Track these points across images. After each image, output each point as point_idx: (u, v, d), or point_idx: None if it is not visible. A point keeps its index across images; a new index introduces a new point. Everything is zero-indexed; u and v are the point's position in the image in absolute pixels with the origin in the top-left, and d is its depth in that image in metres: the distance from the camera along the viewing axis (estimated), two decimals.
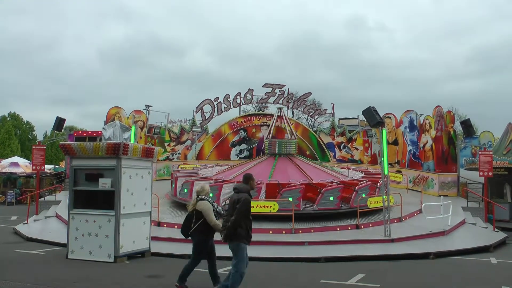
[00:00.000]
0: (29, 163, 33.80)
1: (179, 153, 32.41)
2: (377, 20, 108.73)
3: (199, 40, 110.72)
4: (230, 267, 8.07)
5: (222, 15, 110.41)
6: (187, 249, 13.39)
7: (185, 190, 20.05)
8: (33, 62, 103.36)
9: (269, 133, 24.13)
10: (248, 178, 8.16)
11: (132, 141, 22.98)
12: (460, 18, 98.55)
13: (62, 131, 29.40)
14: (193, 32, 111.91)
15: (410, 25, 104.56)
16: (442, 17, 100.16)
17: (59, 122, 25.30)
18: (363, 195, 18.29)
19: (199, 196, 8.62)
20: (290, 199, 17.11)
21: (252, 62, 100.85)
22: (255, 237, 14.64)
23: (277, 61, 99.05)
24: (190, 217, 8.68)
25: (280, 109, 25.49)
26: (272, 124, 24.44)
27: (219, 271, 8.90)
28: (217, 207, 8.68)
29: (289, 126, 24.25)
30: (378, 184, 19.40)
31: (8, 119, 66.93)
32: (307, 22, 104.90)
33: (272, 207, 16.40)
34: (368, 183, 19.34)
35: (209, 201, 8.59)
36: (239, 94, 33.80)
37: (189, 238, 8.74)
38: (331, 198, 17.73)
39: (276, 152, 22.27)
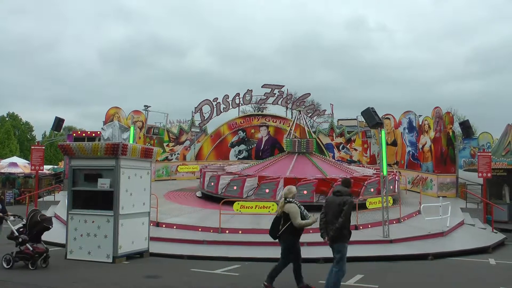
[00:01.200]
0: (28, 163, 33.82)
1: (178, 154, 32.39)
2: (377, 20, 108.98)
3: (199, 40, 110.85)
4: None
5: (222, 15, 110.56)
6: (186, 249, 13.47)
7: (212, 184, 22.14)
8: (33, 62, 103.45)
9: (289, 134, 26.56)
10: (348, 182, 8.65)
11: (131, 142, 23.00)
12: (460, 19, 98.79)
13: (61, 131, 29.41)
14: (193, 32, 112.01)
15: (410, 26, 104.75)
16: (442, 17, 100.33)
17: (58, 122, 25.31)
18: (372, 190, 20.20)
19: (287, 199, 8.70)
20: (305, 192, 19.16)
21: (252, 63, 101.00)
22: (253, 237, 14.77)
23: (277, 62, 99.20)
24: (278, 219, 8.80)
25: (299, 111, 27.14)
26: (293, 125, 26.66)
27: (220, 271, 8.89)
28: (303, 210, 8.79)
29: (308, 127, 27.08)
30: (396, 177, 21.62)
31: (7, 119, 66.89)
32: (307, 22, 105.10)
33: (271, 207, 16.37)
34: (376, 178, 20.21)
35: (297, 204, 8.72)
36: (238, 94, 33.80)
37: (277, 240, 8.96)
38: (372, 190, 19.81)
39: (296, 151, 24.11)
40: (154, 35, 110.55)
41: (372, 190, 20.06)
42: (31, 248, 10.68)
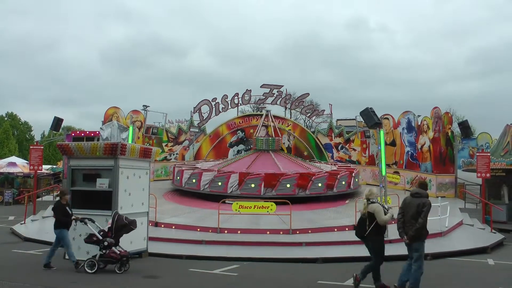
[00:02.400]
0: (26, 163, 33.81)
1: (176, 154, 32.38)
2: (377, 21, 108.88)
3: (200, 41, 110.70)
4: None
5: (222, 16, 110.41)
6: (184, 249, 13.47)
7: (194, 180, 23.33)
8: (33, 62, 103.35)
9: (257, 132, 29.09)
10: (425, 185, 9.36)
11: (129, 141, 22.96)
12: (460, 19, 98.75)
13: (60, 131, 29.39)
14: (193, 32, 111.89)
15: (410, 26, 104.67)
16: (442, 18, 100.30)
17: (57, 122, 25.28)
18: (343, 182, 23.48)
19: (370, 200, 9.09)
20: (288, 185, 21.76)
21: (252, 63, 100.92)
22: (252, 237, 14.78)
23: (277, 62, 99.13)
24: (363, 220, 9.17)
25: (269, 111, 29.27)
26: (260, 124, 29.06)
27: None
28: (387, 208, 9.23)
29: (276, 126, 29.88)
30: (353, 173, 24.50)
31: (5, 119, 66.82)
32: (307, 23, 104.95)
33: (270, 207, 16.38)
34: (346, 172, 24.16)
35: (379, 203, 9.20)
36: (237, 94, 33.76)
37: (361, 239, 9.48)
38: (320, 184, 22.45)
39: (264, 148, 26.74)
40: (155, 35, 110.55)
41: (319, 185, 22.42)
42: (118, 252, 10.61)
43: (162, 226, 16.66)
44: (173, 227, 16.51)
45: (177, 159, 32.06)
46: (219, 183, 22.17)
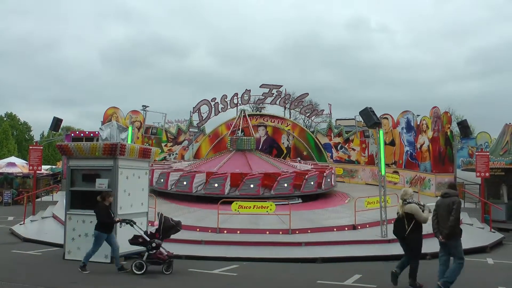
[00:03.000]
0: (26, 163, 33.79)
1: (176, 154, 32.39)
2: (378, 21, 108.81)
3: (200, 41, 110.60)
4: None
5: (223, 16, 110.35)
6: (183, 249, 13.46)
7: (162, 180, 23.39)
8: (34, 62, 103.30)
9: (232, 132, 28.79)
10: (454, 185, 9.74)
11: (129, 142, 22.95)
12: (460, 20, 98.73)
13: (59, 131, 29.38)
14: (194, 32, 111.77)
15: (410, 26, 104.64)
16: (442, 18, 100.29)
17: (56, 122, 25.27)
18: (312, 183, 22.70)
19: (405, 200, 9.48)
20: (252, 186, 21.35)
21: (253, 63, 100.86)
22: (251, 237, 14.77)
23: (278, 62, 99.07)
24: (400, 220, 9.51)
25: (243, 111, 29.21)
26: (235, 124, 28.92)
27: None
28: (423, 205, 9.71)
29: (250, 126, 29.63)
30: (324, 173, 23.78)
31: (5, 119, 66.75)
32: (308, 23, 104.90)
33: (269, 207, 16.38)
34: (316, 172, 23.42)
35: (415, 202, 9.55)
36: (236, 94, 33.77)
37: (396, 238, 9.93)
38: (286, 185, 21.90)
39: (237, 148, 26.43)
40: (155, 35, 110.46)
41: (285, 185, 22.01)
42: (165, 253, 10.69)
43: None
44: None
45: (176, 159, 32.06)
46: (184, 183, 22.13)
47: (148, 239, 10.63)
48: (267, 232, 15.64)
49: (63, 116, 24.38)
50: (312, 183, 22.70)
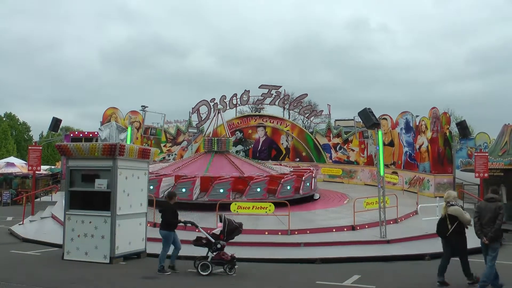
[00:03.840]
0: (25, 163, 33.80)
1: (175, 154, 32.39)
2: (378, 21, 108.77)
3: (201, 41, 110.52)
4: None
5: (223, 16, 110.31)
6: (183, 250, 13.42)
7: (151, 187, 21.23)
8: (34, 62, 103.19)
9: (210, 132, 26.78)
10: (496, 190, 9.88)
11: (128, 142, 22.98)
12: (460, 20, 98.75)
13: (58, 131, 29.36)
14: (195, 33, 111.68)
15: (411, 27, 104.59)
16: (442, 18, 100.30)
17: (56, 122, 25.26)
18: (288, 187, 21.05)
19: (449, 202, 9.93)
20: (221, 190, 19.49)
21: (253, 63, 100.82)
22: (249, 238, 14.77)
23: (278, 63, 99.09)
24: (443, 221, 9.91)
25: (219, 110, 27.53)
26: (211, 124, 27.10)
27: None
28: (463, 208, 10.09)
29: (226, 126, 27.25)
30: (303, 177, 22.08)
31: (4, 119, 66.68)
32: (308, 23, 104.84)
33: (268, 208, 16.39)
34: (293, 176, 21.79)
35: (458, 205, 10.05)
36: (235, 95, 33.79)
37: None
38: (258, 190, 20.15)
39: (214, 150, 24.13)
40: (156, 36, 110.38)
41: (288, 188, 20.90)
42: (229, 254, 10.88)
43: None
44: None
45: (175, 159, 32.06)
46: (151, 187, 19.35)
47: (213, 240, 10.83)
48: (266, 233, 15.64)
49: (63, 116, 24.36)
50: (288, 187, 21.14)
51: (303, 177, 22.18)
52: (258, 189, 20.15)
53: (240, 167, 22.23)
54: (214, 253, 10.77)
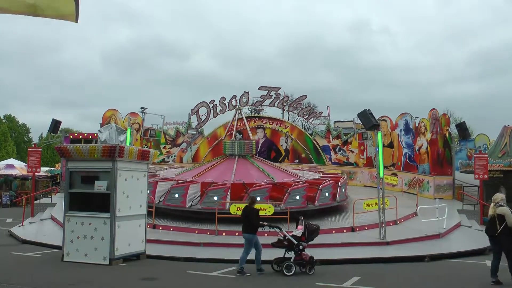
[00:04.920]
0: (24, 165, 33.78)
1: (174, 156, 32.39)
2: (380, 23, 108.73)
3: (202, 43, 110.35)
4: None
5: (225, 18, 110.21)
6: (182, 251, 13.47)
7: (148, 191, 19.56)
8: (36, 64, 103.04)
9: (231, 134, 25.66)
10: None
11: (127, 144, 22.99)
12: (461, 22, 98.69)
13: (58, 133, 29.37)
14: (196, 35, 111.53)
15: (412, 29, 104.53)
16: (444, 20, 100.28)
17: (55, 124, 25.30)
18: (327, 194, 19.17)
19: (497, 203, 10.15)
20: (258, 199, 16.91)
21: (255, 65, 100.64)
22: None
23: (280, 64, 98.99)
24: (493, 221, 10.11)
25: (239, 109, 26.76)
26: (230, 125, 25.85)
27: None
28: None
29: (248, 128, 26.21)
30: (339, 183, 20.31)
31: (3, 121, 66.68)
32: (310, 25, 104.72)
33: (268, 209, 16.37)
34: (331, 182, 19.88)
35: (506, 206, 10.16)
36: (234, 96, 33.76)
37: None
38: (297, 197, 18.21)
39: (236, 153, 22.28)
40: (157, 38, 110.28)
41: (327, 194, 19.15)
42: (309, 255, 11.30)
43: (160, 228, 16.66)
44: (171, 229, 16.51)
45: (175, 161, 32.08)
46: (176, 195, 18.48)
47: (295, 242, 11.20)
48: (266, 235, 15.61)
49: (63, 118, 24.39)
50: (327, 194, 19.20)
51: (339, 183, 20.51)
52: (297, 197, 18.24)
53: (269, 172, 20.53)
54: (296, 254, 11.21)
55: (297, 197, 18.16)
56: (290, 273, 10.84)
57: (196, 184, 18.79)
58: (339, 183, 20.41)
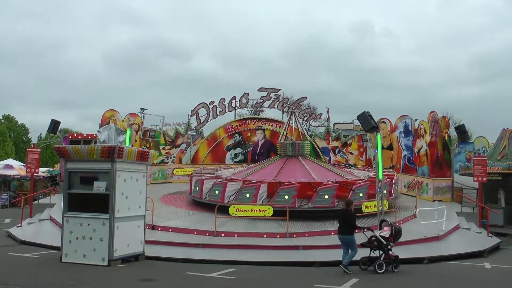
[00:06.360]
0: (23, 165, 33.71)
1: (174, 157, 32.37)
2: (382, 25, 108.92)
3: (204, 44, 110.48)
4: None
5: (227, 19, 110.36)
6: (181, 252, 13.47)
7: (197, 188, 21.29)
8: (37, 64, 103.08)
9: (282, 136, 25.49)
10: None
11: (127, 144, 22.99)
12: (463, 25, 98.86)
13: (57, 133, 29.35)
14: (198, 35, 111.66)
15: (414, 31, 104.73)
16: (445, 23, 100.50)
17: (54, 124, 25.28)
18: (361, 194, 18.96)
19: None
20: (286, 197, 18.07)
21: (256, 66, 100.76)
22: (248, 241, 14.78)
23: (281, 66, 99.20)
24: None
25: (293, 112, 26.54)
26: (287, 127, 25.79)
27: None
28: None
29: (302, 129, 26.40)
30: (393, 180, 20.90)
31: (2, 121, 66.63)
32: (312, 27, 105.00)
33: (267, 211, 16.38)
34: (366, 182, 19.84)
35: None
36: (234, 98, 33.78)
37: None
38: (326, 197, 18.40)
39: (289, 154, 23.20)
40: (159, 38, 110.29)
41: (361, 195, 19.07)
42: (395, 254, 12.03)
43: (159, 229, 16.64)
44: (170, 230, 16.49)
45: (174, 162, 32.06)
46: (216, 192, 19.64)
47: (385, 242, 11.87)
48: (265, 236, 15.64)
49: (64, 118, 24.48)
50: (361, 194, 19.16)
51: (393, 180, 21.29)
52: (326, 196, 18.53)
53: (312, 172, 21.03)
54: (384, 254, 11.85)
55: (326, 196, 18.59)
56: (382, 271, 11.44)
57: (237, 182, 19.98)
58: (394, 181, 21.42)
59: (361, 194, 18.92)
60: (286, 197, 18.19)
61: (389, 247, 11.94)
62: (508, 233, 19.94)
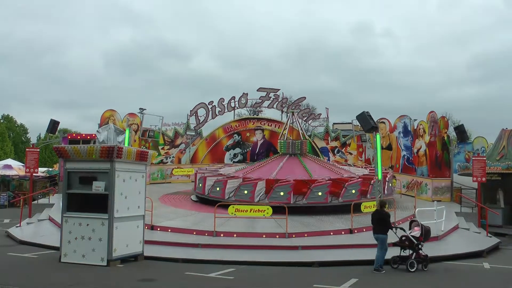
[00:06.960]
0: (22, 165, 33.68)
1: (173, 157, 32.36)
2: (383, 26, 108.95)
3: (204, 45, 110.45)
4: None
5: (227, 20, 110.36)
6: (180, 253, 13.47)
7: (200, 185, 22.43)
8: (37, 65, 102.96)
9: (282, 135, 26.13)
10: None
11: (126, 144, 22.96)
12: (463, 26, 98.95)
13: (56, 133, 29.32)
14: (198, 36, 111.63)
15: (414, 32, 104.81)
16: (446, 24, 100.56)
17: (53, 124, 25.25)
18: (353, 191, 19.88)
19: None
20: (282, 193, 19.21)
21: (256, 67, 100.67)
22: (247, 241, 14.78)
23: (282, 66, 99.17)
24: None
25: (292, 113, 26.92)
26: (286, 126, 26.24)
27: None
28: None
29: (301, 129, 26.78)
30: (371, 181, 20.61)
31: (1, 121, 66.57)
32: (312, 27, 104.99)
33: (266, 211, 16.38)
34: (359, 179, 20.65)
35: None
36: (233, 98, 33.77)
37: None
38: (320, 193, 19.43)
39: (290, 152, 23.98)
40: (159, 39, 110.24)
41: (353, 192, 19.81)
42: (425, 253, 12.32)
43: (158, 229, 16.62)
44: (169, 230, 16.47)
45: (173, 162, 32.05)
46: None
47: (416, 242, 12.21)
48: (264, 236, 15.63)
49: (64, 118, 24.55)
50: (353, 191, 19.92)
51: (372, 181, 20.88)
52: (320, 193, 19.45)
53: (310, 170, 21.99)
54: (415, 253, 12.17)
55: (319, 193, 19.51)
56: (413, 270, 11.73)
57: (236, 179, 20.93)
58: (372, 181, 21.25)
59: (353, 191, 19.79)
60: (282, 193, 19.23)
61: (420, 246, 12.22)
62: (507, 233, 19.96)
